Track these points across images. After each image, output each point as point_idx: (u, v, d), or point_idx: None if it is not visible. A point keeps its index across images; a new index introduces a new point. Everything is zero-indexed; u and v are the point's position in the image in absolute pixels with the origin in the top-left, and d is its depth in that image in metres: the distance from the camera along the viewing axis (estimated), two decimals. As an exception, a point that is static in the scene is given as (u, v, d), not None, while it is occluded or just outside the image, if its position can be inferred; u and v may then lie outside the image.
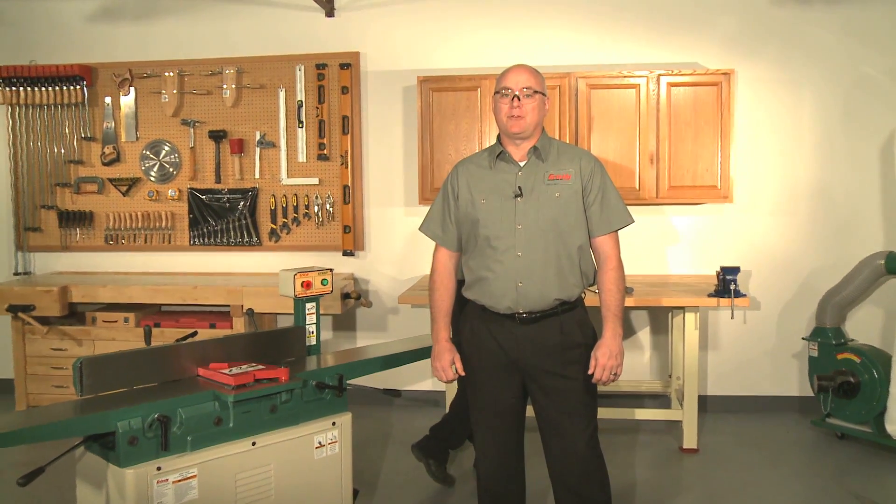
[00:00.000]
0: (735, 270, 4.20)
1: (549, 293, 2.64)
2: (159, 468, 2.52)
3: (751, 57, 4.77)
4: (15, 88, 5.25)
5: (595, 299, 2.79)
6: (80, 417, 2.44)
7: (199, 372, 2.87)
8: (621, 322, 2.67)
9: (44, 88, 5.24)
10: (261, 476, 2.78)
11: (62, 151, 5.34)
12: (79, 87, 5.24)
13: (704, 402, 4.91)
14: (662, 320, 4.98)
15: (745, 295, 4.23)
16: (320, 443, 2.94)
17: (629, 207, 2.79)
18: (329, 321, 5.23)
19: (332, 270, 3.38)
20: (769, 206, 4.85)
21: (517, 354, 2.69)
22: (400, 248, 5.16)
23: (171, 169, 5.27)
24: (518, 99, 2.64)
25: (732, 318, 4.80)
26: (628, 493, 3.75)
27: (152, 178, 5.29)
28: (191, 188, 5.25)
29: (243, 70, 5.14)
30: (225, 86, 5.12)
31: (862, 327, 4.74)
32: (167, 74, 5.18)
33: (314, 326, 3.31)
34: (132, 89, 5.24)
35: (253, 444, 2.75)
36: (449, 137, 4.68)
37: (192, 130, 5.20)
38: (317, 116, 5.08)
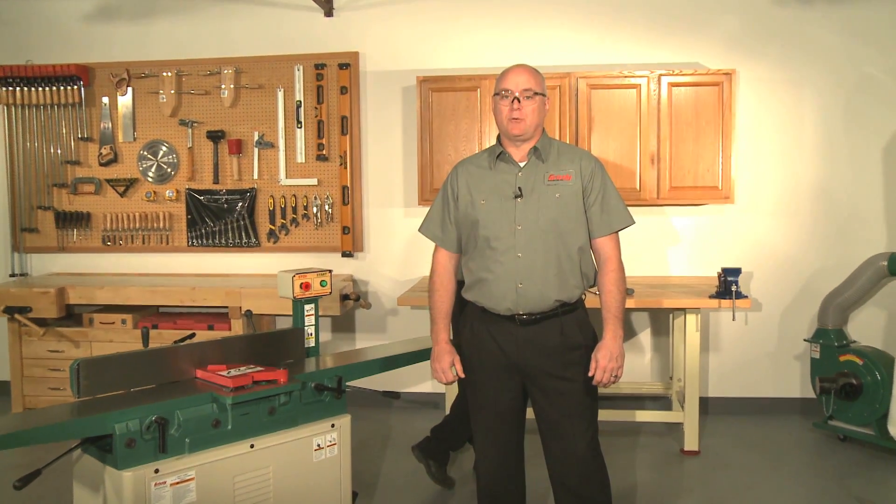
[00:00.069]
0: (736, 272, 4.18)
1: (550, 294, 2.63)
2: (157, 471, 2.52)
3: (752, 57, 4.76)
4: (11, 88, 5.23)
5: (595, 300, 2.79)
6: (77, 420, 2.44)
7: (198, 374, 2.87)
8: (622, 323, 2.66)
9: (40, 88, 5.22)
10: (259, 478, 2.77)
11: (59, 152, 5.32)
12: (76, 87, 5.22)
13: (705, 404, 4.90)
14: (663, 322, 4.97)
15: (747, 296, 4.22)
16: (319, 445, 2.94)
17: (630, 208, 2.78)
18: (328, 323, 5.22)
19: (331, 272, 3.38)
20: (771, 207, 4.83)
21: (517, 356, 2.68)
22: (399, 250, 5.14)
23: (169, 169, 5.25)
24: (518, 101, 2.62)
25: (734, 320, 4.79)
26: (629, 496, 3.74)
27: (150, 179, 5.27)
28: (189, 189, 5.23)
29: (242, 70, 5.13)
30: (223, 86, 5.11)
31: (864, 329, 4.73)
32: (165, 74, 5.16)
33: (313, 328, 3.31)
34: (130, 89, 5.22)
35: (251, 447, 2.75)
36: (448, 138, 4.67)
37: (190, 131, 5.18)
38: (315, 117, 5.07)
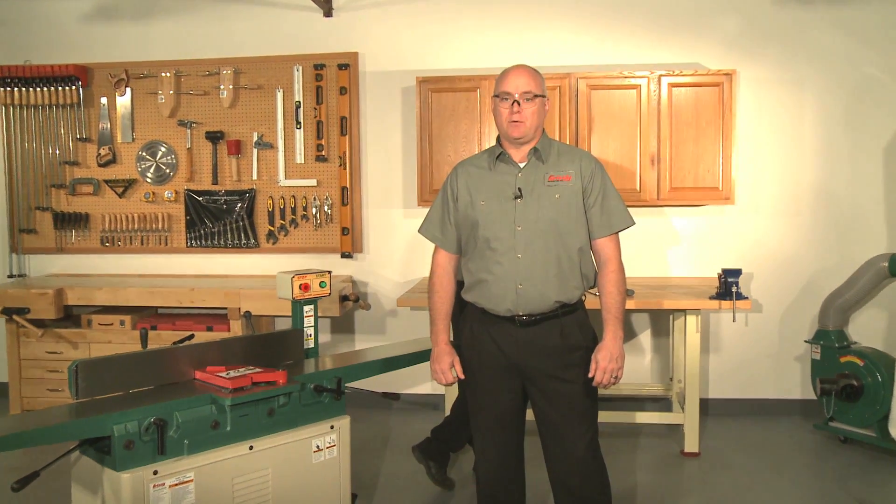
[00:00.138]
0: (737, 272, 4.17)
1: (550, 295, 2.62)
2: (156, 472, 2.51)
3: (753, 57, 4.75)
4: (9, 89, 5.21)
5: (595, 301, 2.78)
6: (76, 421, 2.43)
7: (196, 375, 2.86)
8: (622, 325, 2.66)
9: (39, 89, 5.21)
10: (258, 480, 2.76)
11: (57, 152, 5.30)
12: (74, 88, 5.20)
13: (706, 406, 4.89)
14: (663, 323, 4.96)
15: (747, 297, 4.21)
16: (318, 446, 2.93)
17: (630, 209, 2.78)
18: (327, 324, 5.20)
19: (331, 273, 3.38)
20: (771, 208, 4.82)
21: (517, 357, 2.68)
22: (399, 251, 5.13)
23: (168, 170, 5.24)
24: (518, 104, 2.62)
25: (734, 321, 4.79)
26: (629, 498, 3.73)
27: (149, 180, 5.26)
28: (187, 190, 5.22)
29: (241, 70, 5.11)
30: (222, 86, 5.09)
31: (865, 330, 4.73)
32: (164, 75, 5.14)
33: (312, 329, 3.31)
34: (128, 90, 5.21)
35: (250, 448, 2.74)
36: (448, 138, 4.66)
37: (189, 131, 5.17)
38: (315, 117, 5.05)
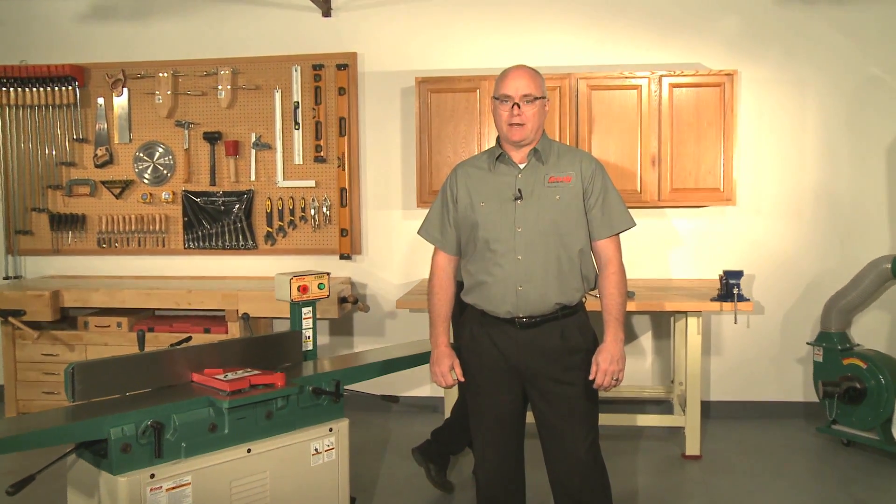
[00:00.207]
0: (738, 274, 4.16)
1: (550, 297, 2.62)
2: (153, 475, 2.51)
3: (754, 57, 4.73)
4: (5, 89, 5.19)
5: (596, 303, 2.77)
6: (72, 424, 2.43)
7: (194, 377, 2.85)
8: (623, 327, 2.65)
9: (35, 89, 5.18)
10: (256, 483, 2.75)
11: (53, 153, 5.28)
12: (70, 88, 5.18)
13: (707, 408, 4.87)
14: (664, 325, 4.94)
15: (749, 299, 4.19)
16: (317, 449, 2.93)
17: (630, 210, 2.77)
18: (326, 326, 5.18)
19: (329, 274, 3.37)
20: (773, 209, 4.81)
21: (517, 359, 2.67)
22: (398, 252, 5.11)
23: (165, 171, 5.21)
24: (518, 106, 2.60)
25: (736, 323, 4.77)
26: (630, 501, 3.72)
27: (146, 181, 5.23)
28: (185, 191, 5.19)
29: (239, 71, 5.09)
30: (220, 87, 5.07)
31: (868, 332, 4.71)
32: (161, 75, 5.12)
33: (311, 331, 3.29)
34: (125, 90, 5.19)
35: (248, 451, 2.74)
36: (447, 139, 4.64)
37: (187, 132, 5.15)
38: (313, 118, 5.03)
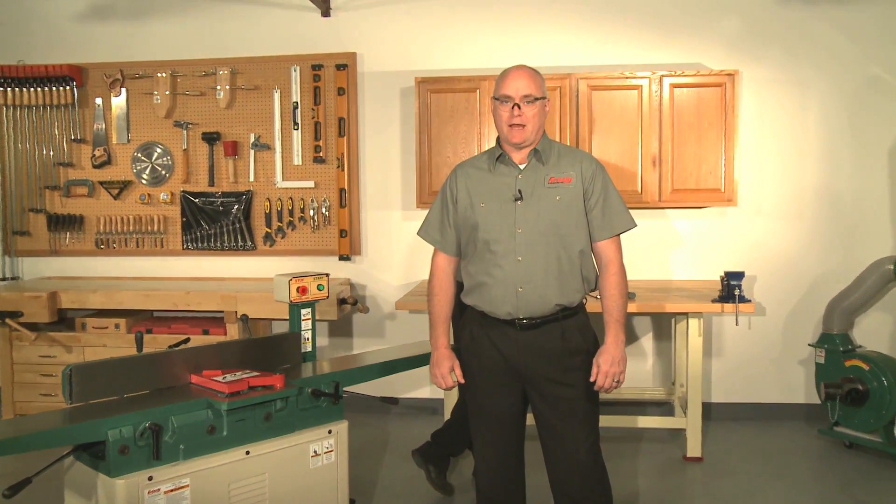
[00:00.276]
0: (739, 275, 4.15)
1: (550, 298, 2.61)
2: (151, 478, 2.49)
3: (755, 57, 4.72)
4: (2, 89, 5.17)
5: (597, 305, 2.75)
6: (70, 426, 2.42)
7: (192, 379, 2.84)
8: (624, 328, 2.65)
9: (32, 89, 5.17)
10: (255, 486, 2.74)
11: (51, 153, 5.26)
12: (68, 88, 5.17)
13: (708, 410, 4.85)
14: (665, 326, 4.93)
15: (750, 300, 4.19)
16: (316, 451, 2.92)
17: (631, 211, 2.76)
18: (325, 327, 5.16)
19: (329, 275, 3.35)
20: (774, 210, 4.79)
21: (517, 361, 2.66)
22: (397, 253, 5.09)
23: (164, 171, 5.19)
24: (518, 107, 2.59)
25: (737, 324, 4.75)
26: (630, 503, 3.70)
27: (144, 181, 5.21)
28: (184, 191, 5.17)
29: (237, 71, 5.08)
30: (219, 87, 5.05)
31: (870, 334, 4.70)
32: (159, 75, 5.10)
33: (310, 333, 3.28)
34: (123, 90, 5.17)
35: (247, 453, 2.72)
36: (447, 139, 4.62)
37: (185, 132, 5.13)
38: (312, 118, 5.02)
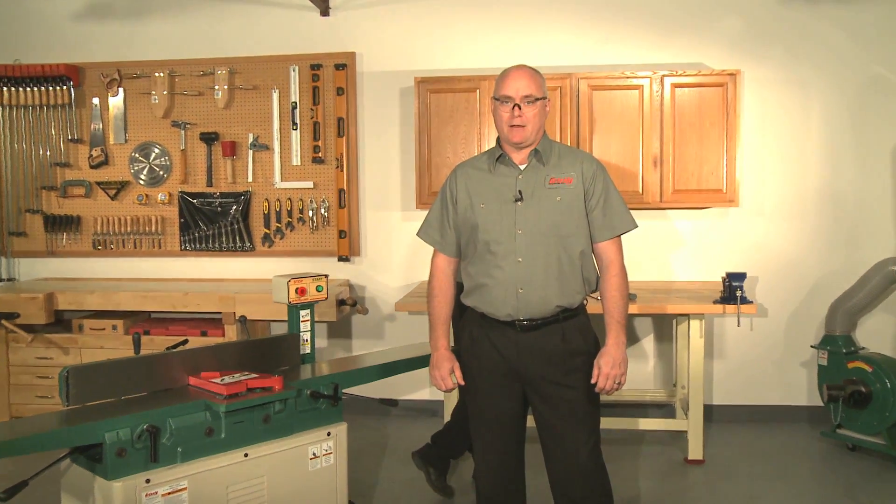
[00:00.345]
0: (741, 276, 4.15)
1: (551, 300, 2.60)
2: (148, 480, 2.48)
3: (757, 57, 4.71)
4: (-1, 88, 5.17)
5: (597, 306, 2.74)
6: (66, 428, 2.40)
7: (190, 381, 2.82)
8: (625, 330, 2.64)
9: (29, 89, 5.15)
10: (253, 488, 2.73)
11: (48, 154, 5.24)
12: (65, 88, 5.15)
13: (710, 412, 4.83)
14: (667, 328, 4.91)
15: (752, 301, 4.20)
16: (315, 454, 2.90)
17: (632, 211, 2.75)
18: (324, 328, 5.15)
19: (328, 276, 3.34)
20: (776, 210, 4.78)
21: (518, 363, 2.65)
22: (397, 254, 5.07)
23: (162, 172, 5.17)
24: (519, 108, 2.58)
25: (739, 326, 4.75)
26: (633, 506, 3.70)
27: (142, 182, 5.19)
28: (181, 192, 5.15)
29: (236, 70, 5.06)
30: (217, 87, 5.03)
31: (873, 335, 4.68)
32: (157, 75, 5.08)
33: (308, 334, 3.27)
34: (121, 90, 5.15)
35: (245, 456, 2.71)
36: (447, 140, 4.60)
37: (183, 132, 5.11)
38: (311, 118, 5.00)
